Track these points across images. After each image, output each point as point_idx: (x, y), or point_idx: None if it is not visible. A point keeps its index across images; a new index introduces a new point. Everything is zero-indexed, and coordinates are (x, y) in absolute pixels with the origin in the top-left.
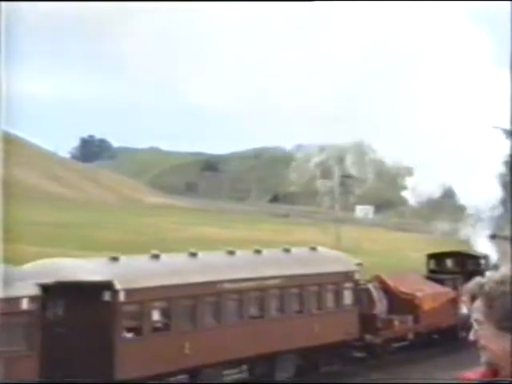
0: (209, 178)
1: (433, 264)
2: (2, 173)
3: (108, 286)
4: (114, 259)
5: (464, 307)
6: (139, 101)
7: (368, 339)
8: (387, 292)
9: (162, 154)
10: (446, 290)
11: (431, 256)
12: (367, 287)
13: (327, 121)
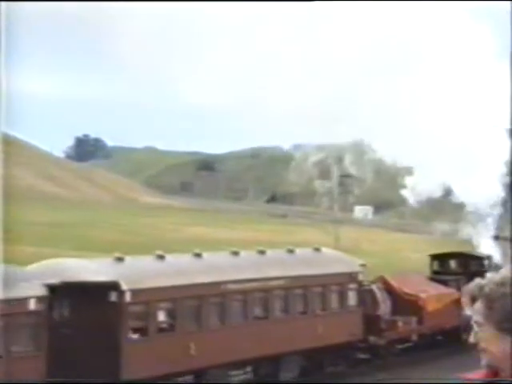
0: (205, 178)
1: (436, 265)
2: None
3: (114, 286)
4: (119, 259)
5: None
6: (134, 100)
7: (372, 340)
8: (391, 293)
9: (158, 154)
10: (449, 291)
11: (434, 257)
12: (371, 288)
13: (326, 120)
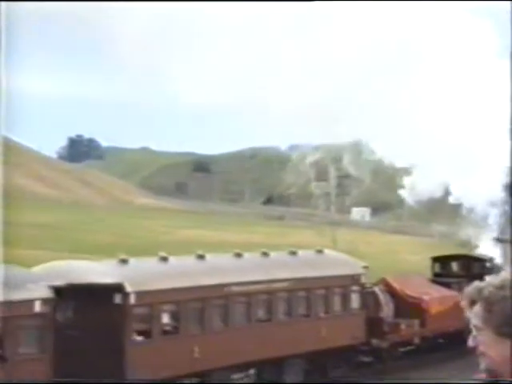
0: (200, 179)
1: (437, 267)
2: None
3: (119, 288)
4: (124, 261)
5: None
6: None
7: (374, 343)
8: (393, 295)
9: (152, 154)
10: (452, 294)
11: (436, 259)
12: (373, 290)
13: (324, 120)
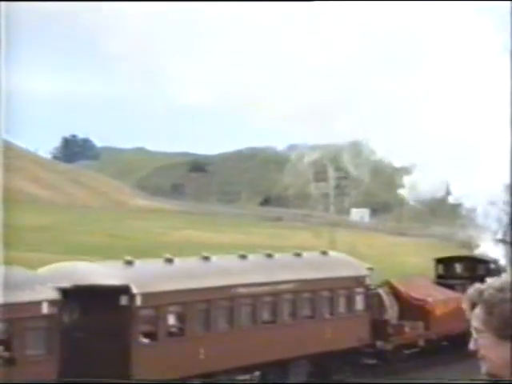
0: (197, 180)
1: (441, 269)
2: None
3: (125, 290)
4: (129, 263)
5: None
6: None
7: (379, 345)
8: (398, 297)
9: (148, 155)
10: (456, 296)
11: (439, 260)
12: (378, 292)
13: (322, 120)
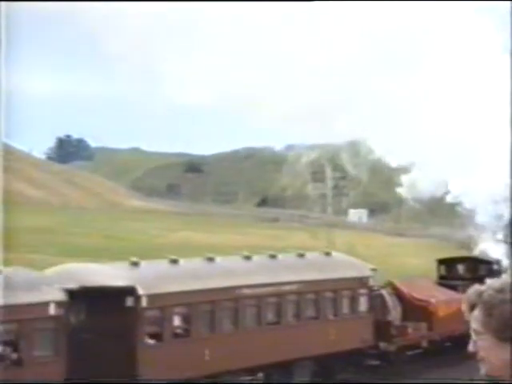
0: (193, 180)
1: (443, 269)
2: None
3: (131, 291)
4: (135, 264)
5: None
6: (119, 98)
7: (382, 347)
8: (400, 298)
9: (143, 155)
10: (459, 297)
11: (442, 261)
12: (381, 293)
13: (319, 119)
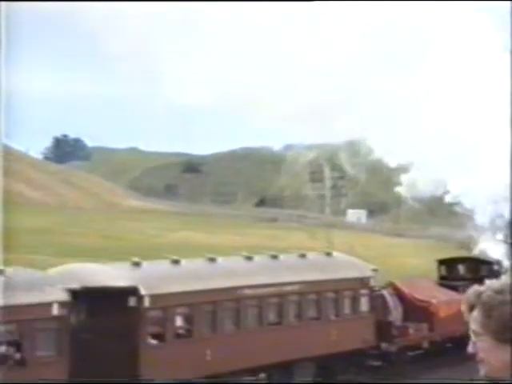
0: (191, 180)
1: (444, 270)
2: None
3: (133, 291)
4: (137, 264)
5: None
6: (116, 98)
7: (384, 347)
8: (401, 299)
9: (141, 155)
10: (460, 297)
11: (442, 262)
12: (382, 294)
13: (318, 119)
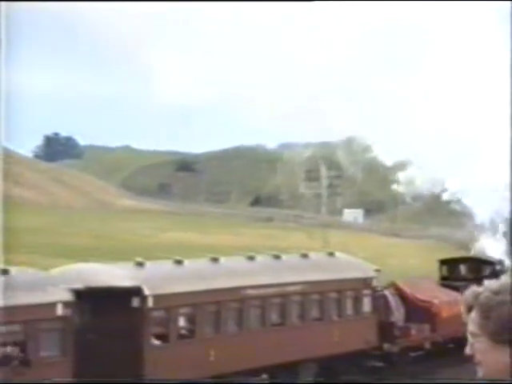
0: (185, 179)
1: (445, 270)
2: None
3: (137, 291)
4: (140, 264)
5: None
6: (108, 96)
7: (386, 348)
8: (403, 299)
9: (134, 153)
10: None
11: (444, 262)
12: (384, 294)
13: (314, 117)
